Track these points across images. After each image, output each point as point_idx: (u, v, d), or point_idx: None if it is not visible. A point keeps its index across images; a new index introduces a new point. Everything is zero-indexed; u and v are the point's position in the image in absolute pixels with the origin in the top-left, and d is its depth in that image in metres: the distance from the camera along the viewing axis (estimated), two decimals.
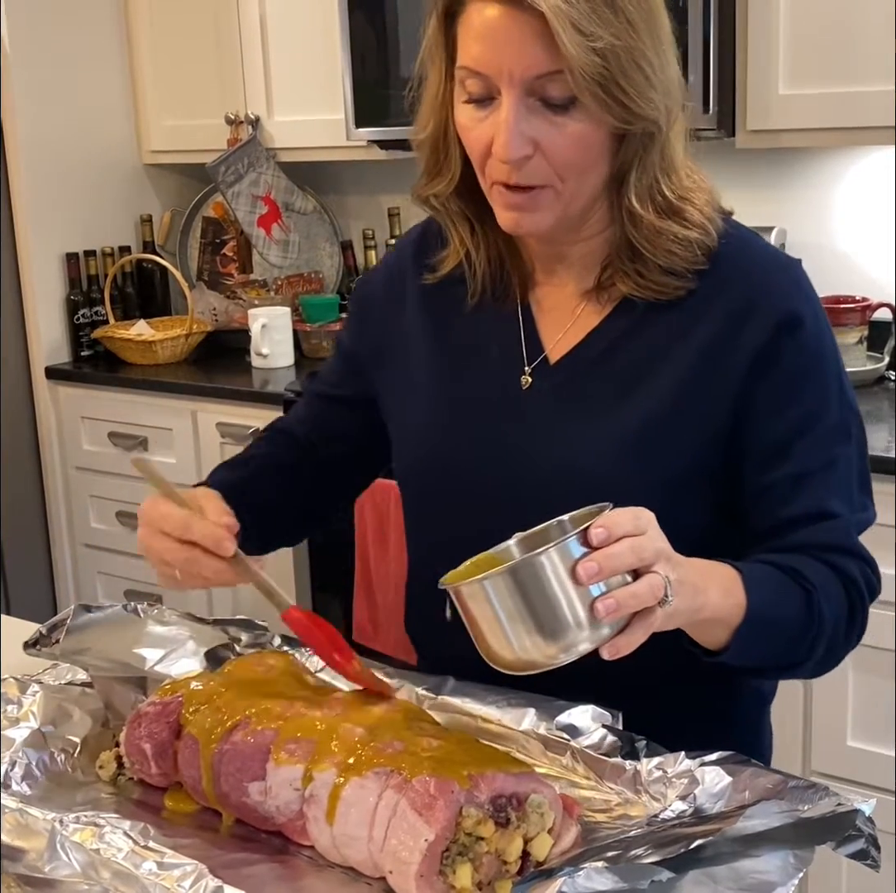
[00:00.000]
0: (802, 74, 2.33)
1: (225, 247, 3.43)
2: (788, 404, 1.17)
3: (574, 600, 0.94)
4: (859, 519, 1.22)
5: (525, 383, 1.23)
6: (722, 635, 1.07)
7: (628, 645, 0.95)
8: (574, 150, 1.10)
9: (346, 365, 1.39)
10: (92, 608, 1.29)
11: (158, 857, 0.91)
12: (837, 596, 1.16)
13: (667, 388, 1.17)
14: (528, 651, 0.95)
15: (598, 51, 1.05)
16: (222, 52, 3.11)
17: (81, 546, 3.29)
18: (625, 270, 1.19)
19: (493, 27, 1.07)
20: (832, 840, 0.90)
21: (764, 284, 1.18)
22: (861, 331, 2.51)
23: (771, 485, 1.17)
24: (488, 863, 0.91)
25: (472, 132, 1.13)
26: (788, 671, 1.21)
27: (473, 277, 1.26)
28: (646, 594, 0.95)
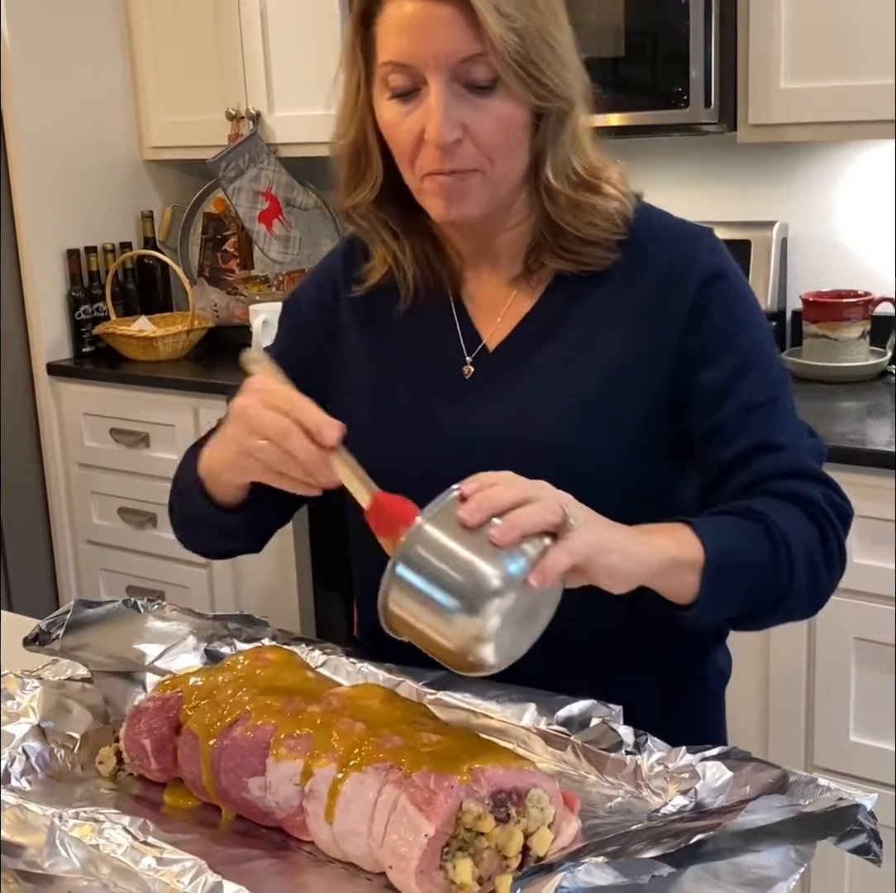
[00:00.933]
0: (804, 68, 2.32)
1: (226, 243, 3.42)
2: (724, 350, 1.21)
3: (473, 558, 0.92)
4: (810, 445, 1.22)
5: (467, 373, 1.27)
6: (691, 579, 1.07)
7: (554, 563, 0.94)
8: (500, 131, 1.15)
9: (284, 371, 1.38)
10: (92, 604, 1.29)
11: (158, 853, 0.90)
12: (796, 518, 1.15)
13: (605, 359, 1.22)
14: (464, 636, 0.92)
15: (516, 31, 1.11)
16: (223, 48, 3.10)
17: (83, 543, 3.29)
18: (549, 247, 1.24)
19: (416, 18, 1.11)
20: (833, 834, 0.89)
21: (683, 249, 1.24)
22: (863, 326, 2.50)
23: (716, 428, 1.20)
24: (488, 858, 0.91)
25: (400, 127, 1.16)
26: (779, 607, 1.16)
27: (404, 281, 1.29)
28: (537, 510, 0.94)
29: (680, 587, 1.08)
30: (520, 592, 0.93)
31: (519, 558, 0.93)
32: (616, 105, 2.47)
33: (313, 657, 1.26)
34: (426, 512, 0.94)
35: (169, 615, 1.31)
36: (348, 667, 1.24)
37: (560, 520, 0.95)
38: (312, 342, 1.36)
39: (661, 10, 2.39)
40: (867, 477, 2.05)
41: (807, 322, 2.55)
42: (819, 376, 2.50)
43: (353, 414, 1.29)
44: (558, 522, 0.95)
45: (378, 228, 1.27)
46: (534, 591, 0.93)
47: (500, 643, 0.93)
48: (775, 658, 2.20)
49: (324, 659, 1.26)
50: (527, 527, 0.93)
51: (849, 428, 2.19)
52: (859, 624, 2.10)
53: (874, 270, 2.62)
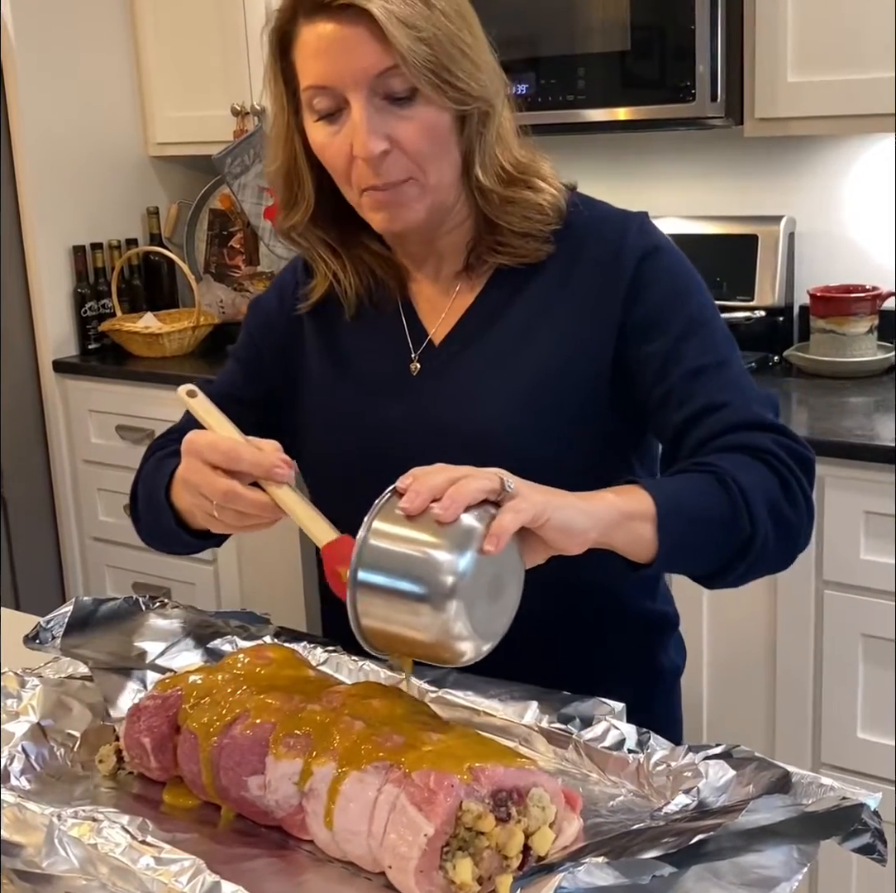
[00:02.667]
0: (810, 62, 2.31)
1: (232, 239, 3.42)
2: (666, 321, 1.23)
3: (424, 539, 0.94)
4: (758, 397, 1.23)
5: (414, 370, 1.31)
6: (646, 530, 1.07)
7: (504, 524, 0.95)
8: (426, 138, 1.19)
9: (247, 370, 1.41)
10: (93, 602, 1.28)
11: (156, 852, 0.90)
12: (749, 464, 1.15)
13: (546, 346, 1.25)
14: (437, 618, 0.93)
15: (425, 41, 1.15)
16: (227, 43, 3.10)
17: (90, 539, 3.29)
18: (487, 243, 1.27)
19: (328, 41, 1.16)
20: (837, 834, 0.89)
21: (615, 232, 1.27)
22: (871, 320, 2.49)
23: (665, 395, 1.22)
24: (489, 858, 0.91)
25: (331, 148, 1.20)
26: (746, 553, 1.13)
27: (346, 296, 1.33)
28: (473, 481, 0.96)
29: (637, 540, 1.07)
30: (478, 563, 0.94)
31: (469, 530, 0.94)
32: (622, 99, 2.46)
33: (315, 654, 1.26)
34: (370, 514, 0.96)
35: (170, 613, 1.31)
36: (350, 665, 1.24)
37: (498, 486, 0.97)
38: (272, 345, 1.39)
39: (667, 5, 2.38)
40: (875, 473, 2.03)
41: (814, 317, 2.54)
42: (826, 371, 2.48)
43: (301, 419, 1.36)
44: (496, 487, 0.97)
45: (316, 246, 1.32)
46: (493, 560, 0.95)
47: (475, 619, 0.94)
48: (782, 655, 2.20)
49: (325, 657, 1.25)
50: (467, 497, 0.95)
51: (856, 423, 2.18)
52: (867, 620, 2.09)
53: (882, 264, 2.61)
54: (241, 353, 1.43)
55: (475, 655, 0.98)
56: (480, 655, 0.98)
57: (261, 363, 1.40)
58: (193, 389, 1.16)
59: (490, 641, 0.98)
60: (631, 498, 1.08)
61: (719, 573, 1.15)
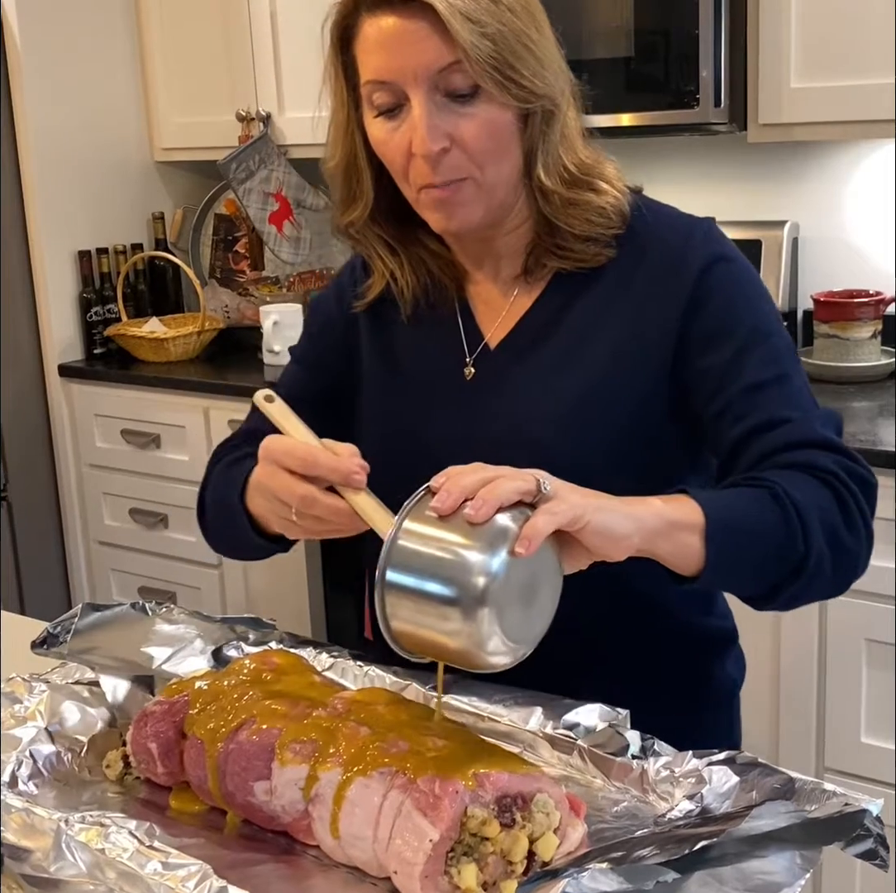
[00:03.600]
0: (814, 68, 2.32)
1: (237, 244, 3.43)
2: (727, 333, 1.19)
3: (455, 540, 0.92)
4: (821, 415, 1.19)
5: (468, 374, 1.28)
6: (693, 540, 1.03)
7: (538, 526, 0.93)
8: (486, 136, 1.16)
9: (309, 371, 1.40)
10: (100, 607, 1.29)
11: (163, 857, 0.91)
12: (807, 482, 1.11)
13: (603, 354, 1.22)
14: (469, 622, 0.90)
15: (488, 36, 1.12)
16: (233, 49, 3.11)
17: (95, 544, 3.30)
18: (546, 246, 1.24)
19: (390, 35, 1.13)
20: (840, 840, 0.89)
21: (679, 238, 1.23)
22: (875, 325, 2.50)
23: (724, 409, 1.18)
24: (493, 863, 0.91)
25: (389, 144, 1.18)
26: (799, 575, 1.08)
27: (402, 296, 1.31)
28: (507, 481, 0.93)
29: (683, 551, 1.03)
30: (510, 566, 0.92)
31: (501, 531, 0.92)
32: (626, 105, 2.46)
33: (320, 660, 1.26)
34: (400, 513, 0.95)
35: (177, 618, 1.31)
36: (355, 670, 1.24)
37: (534, 487, 0.95)
38: (332, 345, 1.38)
39: (670, 10, 2.39)
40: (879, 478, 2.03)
41: (818, 322, 2.54)
42: (830, 376, 2.49)
43: (362, 421, 1.33)
44: (532, 488, 0.94)
45: (374, 243, 1.29)
46: (526, 564, 0.92)
47: (507, 623, 0.92)
48: (786, 659, 2.20)
49: (331, 662, 1.26)
50: (500, 497, 0.92)
51: (859, 428, 2.18)
52: (871, 625, 2.10)
53: (885, 269, 2.61)
54: (302, 354, 1.41)
55: (508, 660, 0.95)
56: (515, 660, 0.96)
57: (322, 364, 1.38)
58: (271, 393, 1.13)
59: (524, 646, 0.96)
60: (679, 507, 1.04)
61: (769, 595, 1.10)
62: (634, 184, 1.28)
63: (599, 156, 1.26)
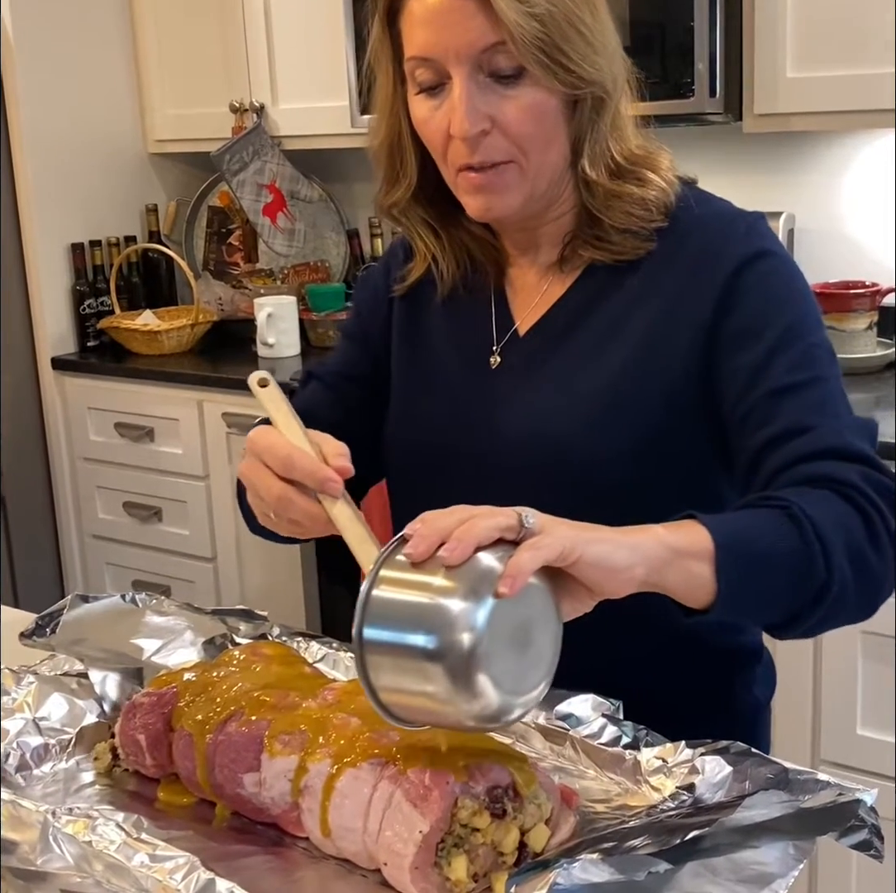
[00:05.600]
0: (810, 57, 2.30)
1: (231, 236, 3.41)
2: (760, 331, 1.13)
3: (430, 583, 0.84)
4: (850, 423, 1.11)
5: (494, 363, 1.25)
6: (702, 570, 0.95)
7: (521, 563, 0.85)
8: (529, 120, 1.12)
9: (354, 345, 1.38)
10: (89, 599, 1.28)
11: (150, 849, 0.90)
12: (828, 500, 1.03)
13: (631, 348, 1.18)
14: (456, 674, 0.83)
15: (536, 17, 1.08)
16: (227, 41, 3.09)
17: (89, 537, 3.29)
18: (584, 237, 1.21)
19: (435, 11, 1.10)
20: (834, 830, 0.88)
21: (721, 233, 1.18)
22: (871, 317, 2.49)
23: (748, 412, 1.12)
24: (484, 855, 0.90)
25: (430, 123, 1.15)
26: (821, 601, 1.00)
27: (441, 279, 1.29)
28: (485, 519, 0.86)
29: (692, 580, 0.95)
30: (496, 609, 0.84)
31: (481, 572, 0.84)
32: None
33: (312, 651, 1.25)
34: (374, 564, 0.87)
35: (167, 610, 1.30)
36: (347, 661, 1.23)
37: (515, 522, 0.87)
38: (377, 320, 1.36)
39: (666, 0, 2.38)
40: None
41: None
42: None
43: (392, 405, 1.32)
44: (513, 524, 0.87)
45: (416, 225, 1.27)
46: (513, 606, 0.85)
47: (498, 672, 0.84)
48: (782, 652, 2.19)
49: (322, 654, 1.25)
50: (478, 536, 0.85)
51: None
52: None
53: (881, 260, 2.60)
54: (350, 329, 1.40)
55: (505, 714, 0.87)
56: (513, 714, 0.87)
57: (367, 338, 1.36)
58: (266, 377, 1.06)
59: (522, 697, 0.87)
60: (684, 533, 0.95)
61: (790, 623, 1.02)
62: (688, 175, 1.24)
63: (653, 147, 1.22)
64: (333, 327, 3.01)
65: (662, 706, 1.11)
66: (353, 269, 3.28)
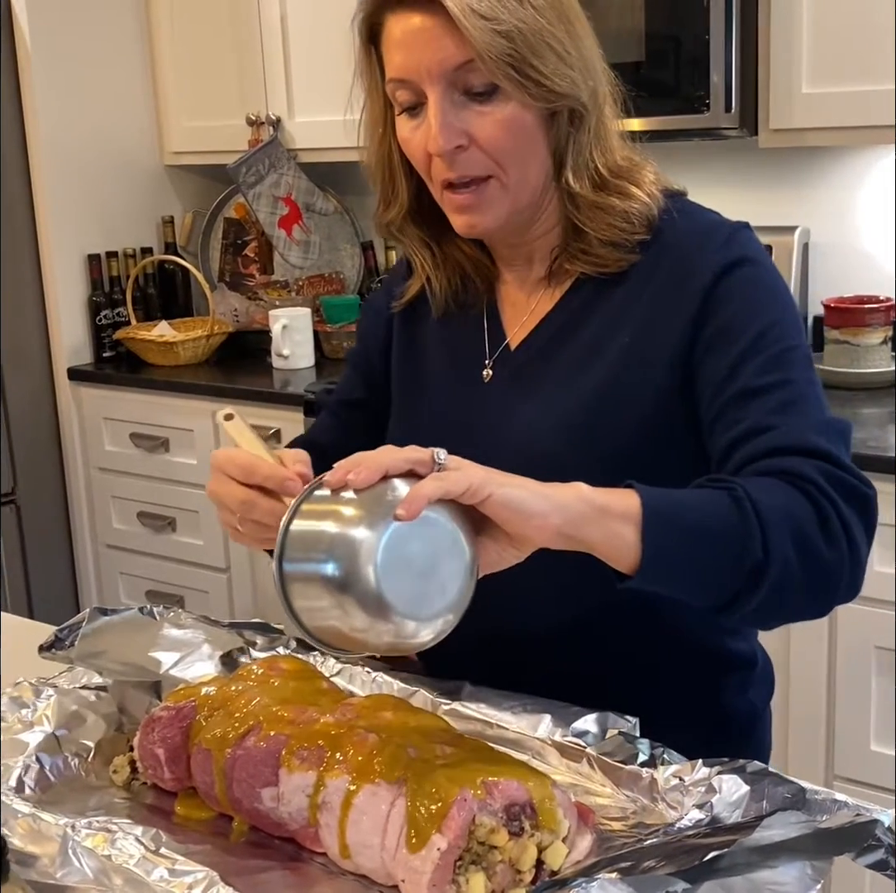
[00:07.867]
0: (826, 73, 2.31)
1: (246, 248, 3.43)
2: (734, 336, 1.14)
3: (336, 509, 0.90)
4: (821, 422, 1.10)
5: (486, 377, 1.28)
6: (628, 531, 0.96)
7: (421, 490, 0.89)
8: (505, 135, 1.14)
9: (357, 373, 1.42)
10: (107, 611, 1.28)
11: (170, 864, 0.90)
12: (778, 488, 1.03)
13: (617, 359, 1.19)
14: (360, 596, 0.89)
15: (503, 33, 1.10)
16: (243, 53, 3.11)
17: (103, 547, 3.30)
18: (571, 250, 1.23)
19: (408, 33, 1.13)
20: (851, 850, 0.88)
21: (700, 243, 1.20)
22: (885, 331, 2.49)
23: (718, 414, 1.13)
24: (502, 872, 0.90)
25: (413, 142, 1.18)
26: (758, 583, 1.00)
27: (435, 295, 1.31)
28: (397, 450, 0.92)
29: (615, 540, 0.96)
30: (394, 531, 0.89)
31: (384, 498, 0.90)
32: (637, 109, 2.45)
33: (328, 665, 1.26)
34: (297, 497, 0.94)
35: (184, 623, 1.30)
36: (363, 676, 1.23)
37: (427, 457, 0.92)
38: (377, 346, 1.39)
39: (681, 15, 2.39)
40: (889, 484, 2.03)
41: (828, 328, 2.53)
42: (840, 382, 2.48)
43: (391, 418, 1.35)
44: (424, 458, 0.92)
45: (413, 242, 1.29)
46: (414, 530, 0.89)
47: (398, 593, 0.89)
48: (796, 667, 2.19)
49: (339, 668, 1.25)
50: (383, 463, 0.91)
51: (869, 435, 2.18)
52: (880, 633, 2.09)
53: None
54: (353, 357, 1.44)
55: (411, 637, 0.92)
56: (418, 637, 0.92)
57: (368, 365, 1.39)
58: (231, 412, 1.13)
59: (426, 621, 0.92)
60: (612, 494, 0.97)
61: (729, 605, 1.01)
62: (677, 187, 1.26)
63: (639, 159, 1.24)
64: (348, 339, 3.02)
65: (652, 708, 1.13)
66: (367, 281, 3.30)
